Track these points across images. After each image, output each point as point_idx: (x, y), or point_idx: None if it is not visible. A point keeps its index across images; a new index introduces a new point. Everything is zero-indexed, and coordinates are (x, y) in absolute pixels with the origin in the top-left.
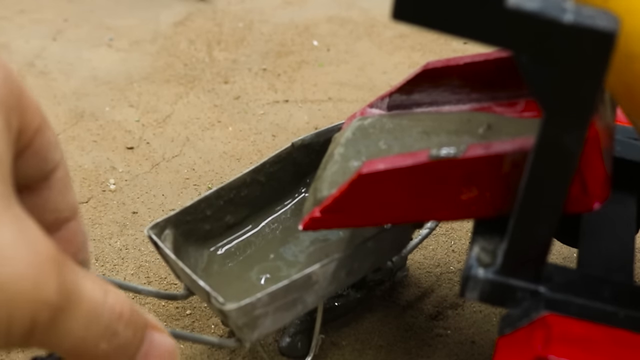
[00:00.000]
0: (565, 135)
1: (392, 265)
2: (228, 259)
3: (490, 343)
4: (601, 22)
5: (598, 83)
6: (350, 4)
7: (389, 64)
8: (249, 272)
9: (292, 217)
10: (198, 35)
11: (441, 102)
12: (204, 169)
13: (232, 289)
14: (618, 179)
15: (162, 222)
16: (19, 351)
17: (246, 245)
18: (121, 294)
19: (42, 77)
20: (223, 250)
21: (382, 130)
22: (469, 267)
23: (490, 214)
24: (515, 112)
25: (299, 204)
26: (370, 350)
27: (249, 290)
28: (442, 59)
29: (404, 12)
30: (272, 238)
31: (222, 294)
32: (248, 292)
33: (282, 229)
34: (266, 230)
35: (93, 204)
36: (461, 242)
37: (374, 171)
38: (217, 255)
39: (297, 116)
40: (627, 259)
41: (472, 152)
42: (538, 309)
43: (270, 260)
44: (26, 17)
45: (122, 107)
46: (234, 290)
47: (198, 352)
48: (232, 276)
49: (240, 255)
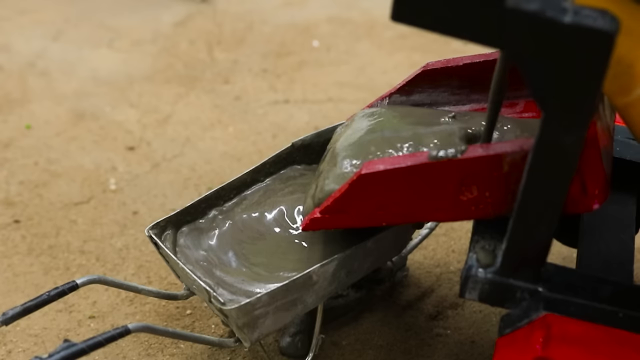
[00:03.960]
0: (564, 136)
1: (392, 265)
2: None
3: (490, 343)
4: (601, 23)
5: (598, 83)
6: (350, 4)
7: (389, 64)
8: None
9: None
10: (198, 36)
11: (441, 102)
12: (204, 169)
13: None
14: (617, 179)
15: (163, 222)
16: (20, 350)
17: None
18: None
19: (42, 78)
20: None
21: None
22: (468, 267)
23: (489, 214)
24: (515, 112)
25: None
26: (370, 350)
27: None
28: (442, 60)
29: (403, 14)
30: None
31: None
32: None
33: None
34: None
35: (94, 204)
36: (461, 242)
37: (374, 171)
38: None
39: (297, 116)
40: (627, 259)
41: (472, 152)
42: (538, 309)
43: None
44: (27, 17)
45: (122, 107)
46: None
47: (198, 352)
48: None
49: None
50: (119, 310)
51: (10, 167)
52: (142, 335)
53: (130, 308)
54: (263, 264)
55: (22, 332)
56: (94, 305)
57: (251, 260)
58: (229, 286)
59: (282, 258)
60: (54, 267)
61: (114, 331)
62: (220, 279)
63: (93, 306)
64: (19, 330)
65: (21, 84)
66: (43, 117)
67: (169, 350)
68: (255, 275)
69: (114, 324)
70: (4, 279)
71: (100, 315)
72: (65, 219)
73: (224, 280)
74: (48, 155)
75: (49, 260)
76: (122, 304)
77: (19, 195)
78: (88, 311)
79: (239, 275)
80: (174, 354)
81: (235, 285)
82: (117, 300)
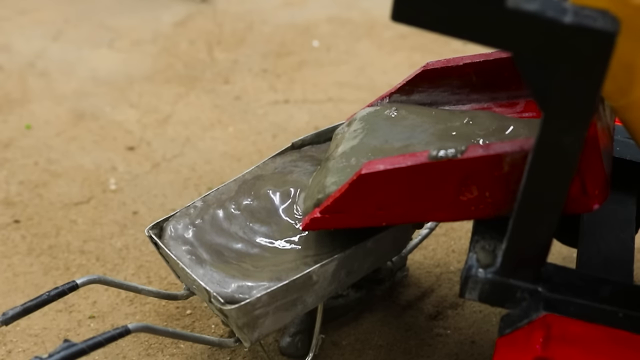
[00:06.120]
0: (564, 136)
1: (392, 265)
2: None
3: (490, 343)
4: (601, 23)
5: (598, 83)
6: (350, 4)
7: (389, 64)
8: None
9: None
10: (198, 36)
11: (441, 102)
12: (204, 169)
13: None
14: (617, 179)
15: (163, 222)
16: (20, 351)
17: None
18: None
19: (42, 78)
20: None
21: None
22: (468, 267)
23: (489, 215)
24: (515, 112)
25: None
26: (370, 350)
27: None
28: (442, 60)
29: (403, 14)
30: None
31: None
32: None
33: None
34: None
35: (94, 204)
36: (461, 242)
37: (374, 171)
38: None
39: (297, 116)
40: (627, 258)
41: (472, 152)
42: (537, 309)
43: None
44: (27, 17)
45: (122, 107)
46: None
47: (198, 352)
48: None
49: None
50: (119, 310)
51: (10, 167)
52: (142, 335)
53: (130, 308)
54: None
55: (22, 332)
56: (94, 305)
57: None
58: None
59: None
60: (54, 267)
61: (114, 331)
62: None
63: (93, 306)
64: (19, 330)
65: (21, 84)
66: (43, 117)
67: (169, 350)
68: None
69: (114, 324)
70: (4, 279)
71: (100, 315)
72: (65, 219)
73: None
74: (48, 155)
75: (49, 260)
76: (122, 304)
77: (19, 195)
78: (88, 311)
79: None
80: (174, 354)
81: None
82: (117, 300)
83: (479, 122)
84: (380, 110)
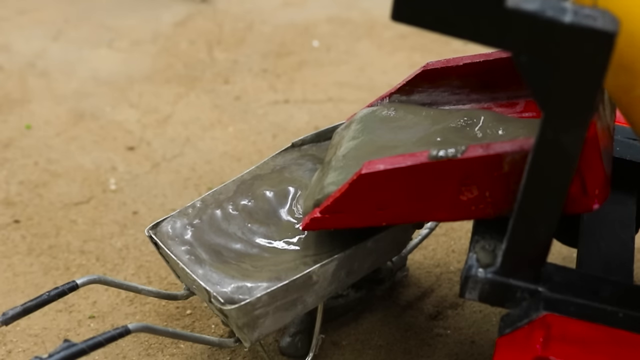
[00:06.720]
0: (564, 136)
1: (392, 265)
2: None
3: (490, 343)
4: (601, 23)
5: (597, 83)
6: (350, 4)
7: (389, 64)
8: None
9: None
10: (198, 36)
11: (441, 102)
12: (204, 169)
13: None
14: (617, 179)
15: (162, 222)
16: (20, 350)
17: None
18: None
19: (42, 78)
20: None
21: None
22: (468, 267)
23: (489, 215)
24: (515, 112)
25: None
26: (370, 350)
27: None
28: (442, 60)
29: (403, 14)
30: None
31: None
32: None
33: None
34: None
35: (94, 204)
36: (461, 242)
37: (374, 171)
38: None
39: (297, 116)
40: (627, 258)
41: (472, 152)
42: (538, 309)
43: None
44: (27, 17)
45: (122, 107)
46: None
47: (198, 352)
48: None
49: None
50: (119, 310)
51: (10, 167)
52: (142, 335)
53: (130, 308)
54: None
55: (22, 332)
56: (94, 305)
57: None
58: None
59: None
60: (54, 267)
61: (114, 331)
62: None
63: (93, 306)
64: (19, 330)
65: (21, 84)
66: (43, 117)
67: (169, 350)
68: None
69: (114, 324)
70: (4, 279)
71: (100, 315)
72: (65, 219)
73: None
74: (48, 155)
75: (49, 260)
76: (122, 304)
77: (19, 195)
78: (88, 311)
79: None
80: (174, 354)
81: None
82: (117, 300)
83: (479, 121)
84: (380, 110)
